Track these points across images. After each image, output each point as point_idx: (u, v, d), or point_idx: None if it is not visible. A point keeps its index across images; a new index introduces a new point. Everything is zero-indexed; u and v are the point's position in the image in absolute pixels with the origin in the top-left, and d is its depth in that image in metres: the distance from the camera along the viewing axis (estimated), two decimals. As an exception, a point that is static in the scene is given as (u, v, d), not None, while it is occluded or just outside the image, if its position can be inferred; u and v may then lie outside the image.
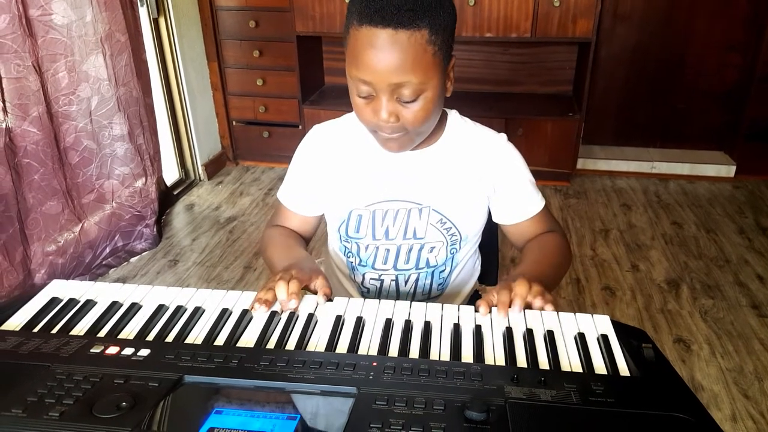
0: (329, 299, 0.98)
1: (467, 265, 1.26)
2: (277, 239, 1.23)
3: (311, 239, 1.31)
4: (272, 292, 0.95)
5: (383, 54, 0.92)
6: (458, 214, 1.15)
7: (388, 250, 1.18)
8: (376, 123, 1.00)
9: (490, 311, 0.94)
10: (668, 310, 2.36)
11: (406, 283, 1.21)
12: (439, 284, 1.23)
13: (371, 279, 1.23)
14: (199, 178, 3.61)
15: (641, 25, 3.50)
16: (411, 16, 0.90)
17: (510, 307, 0.92)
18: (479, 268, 1.33)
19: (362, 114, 1.02)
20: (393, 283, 1.22)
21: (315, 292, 1.00)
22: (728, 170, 3.57)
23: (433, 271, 1.20)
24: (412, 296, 1.23)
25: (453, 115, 1.17)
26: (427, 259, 1.18)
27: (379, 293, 1.24)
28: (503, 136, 1.17)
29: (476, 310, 0.94)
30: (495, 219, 1.20)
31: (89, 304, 0.96)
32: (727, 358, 2.09)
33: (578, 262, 2.71)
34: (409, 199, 1.14)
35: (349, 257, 1.23)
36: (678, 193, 3.41)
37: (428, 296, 1.24)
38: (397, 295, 1.23)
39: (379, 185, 1.14)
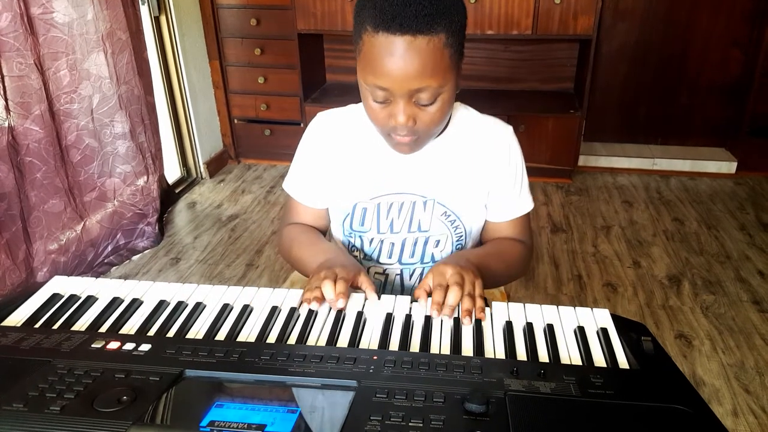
0: (378, 296, 0.98)
1: None
2: (300, 237, 1.20)
3: (326, 233, 1.29)
4: (319, 291, 0.94)
5: (402, 61, 0.90)
6: (462, 207, 1.15)
7: (393, 244, 1.18)
8: (392, 126, 0.99)
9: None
10: (670, 306, 2.36)
11: (410, 277, 1.21)
12: None
13: (376, 273, 1.22)
14: (201, 176, 3.61)
15: (642, 22, 3.50)
16: (429, 21, 0.88)
17: (440, 308, 0.91)
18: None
19: (377, 117, 1.00)
20: (398, 277, 1.21)
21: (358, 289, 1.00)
22: (729, 166, 3.57)
23: None
24: None
25: (458, 106, 1.15)
26: (432, 253, 1.18)
27: (384, 288, 1.23)
28: (510, 129, 1.16)
29: (413, 300, 0.96)
30: None
31: (90, 300, 0.97)
32: (728, 354, 2.09)
33: (580, 259, 2.71)
34: (413, 191, 1.14)
35: (353, 252, 1.23)
36: (679, 190, 3.41)
37: None
38: (402, 290, 1.22)
39: (384, 178, 1.14)
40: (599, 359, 0.82)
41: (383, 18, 0.89)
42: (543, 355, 0.83)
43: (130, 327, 0.91)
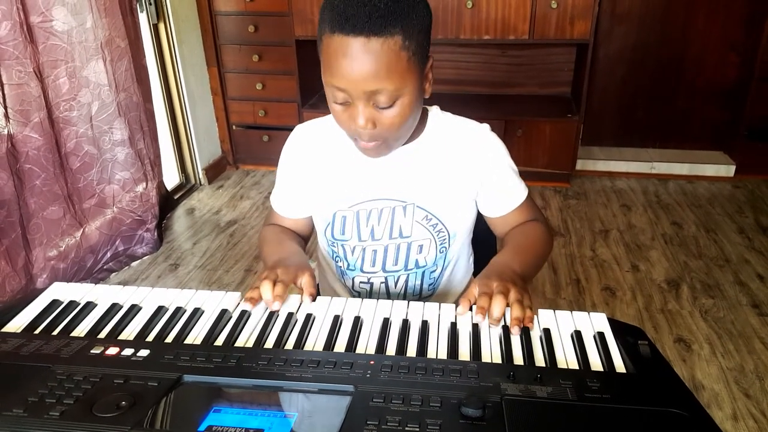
0: (314, 299, 0.99)
1: (459, 264, 1.24)
2: (270, 236, 1.23)
3: (309, 239, 1.31)
4: (258, 291, 0.97)
5: (356, 62, 0.90)
6: (443, 210, 1.14)
7: (375, 251, 1.17)
8: (354, 129, 1.00)
9: (471, 309, 0.94)
10: (668, 310, 2.36)
11: (395, 284, 1.21)
12: (429, 285, 1.22)
13: (360, 282, 1.22)
14: (200, 182, 3.62)
15: (639, 26, 3.51)
16: (383, 23, 0.88)
17: (487, 313, 0.92)
18: (473, 266, 1.33)
19: (340, 120, 1.02)
20: (383, 285, 1.21)
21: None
22: (728, 170, 3.58)
23: (423, 272, 1.19)
24: (403, 298, 1.22)
25: (434, 110, 1.15)
26: (416, 260, 1.18)
27: (370, 296, 1.23)
28: (486, 126, 1.15)
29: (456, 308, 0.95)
30: (481, 210, 1.20)
31: (89, 306, 0.97)
32: (727, 358, 2.09)
33: (578, 263, 2.71)
34: (392, 197, 1.13)
35: (337, 261, 1.23)
36: (677, 193, 3.41)
37: (419, 297, 1.23)
38: (388, 298, 1.21)
39: (362, 185, 1.14)
40: (596, 363, 0.82)
41: (338, 20, 0.90)
42: (540, 360, 0.83)
43: (129, 333, 0.91)
